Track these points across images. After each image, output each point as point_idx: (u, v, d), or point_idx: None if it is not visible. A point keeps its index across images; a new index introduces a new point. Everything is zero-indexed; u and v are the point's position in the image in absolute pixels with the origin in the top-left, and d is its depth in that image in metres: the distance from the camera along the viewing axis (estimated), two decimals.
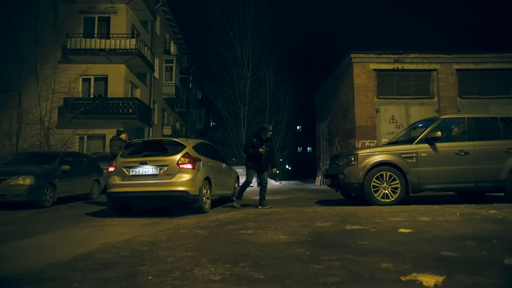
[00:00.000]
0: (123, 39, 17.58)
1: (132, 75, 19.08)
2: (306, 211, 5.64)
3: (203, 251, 2.89)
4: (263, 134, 7.20)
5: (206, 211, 6.58)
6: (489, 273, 2.04)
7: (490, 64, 13.81)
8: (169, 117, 26.80)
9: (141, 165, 6.24)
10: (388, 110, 13.55)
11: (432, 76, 13.82)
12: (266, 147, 7.12)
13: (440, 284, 1.87)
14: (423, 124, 7.55)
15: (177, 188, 6.08)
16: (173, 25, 26.82)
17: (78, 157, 10.60)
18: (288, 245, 3.01)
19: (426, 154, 6.59)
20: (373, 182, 6.49)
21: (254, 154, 7.13)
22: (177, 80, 26.29)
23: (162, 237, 3.67)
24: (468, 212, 4.83)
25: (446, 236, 3.23)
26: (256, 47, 24.50)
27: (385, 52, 13.65)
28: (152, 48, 21.38)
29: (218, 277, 2.14)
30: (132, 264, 2.52)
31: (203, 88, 34.43)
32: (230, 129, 24.67)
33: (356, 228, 3.77)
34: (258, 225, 4.25)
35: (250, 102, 24.48)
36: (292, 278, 2.06)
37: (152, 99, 21.79)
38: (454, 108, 13.43)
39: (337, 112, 16.21)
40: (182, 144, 6.65)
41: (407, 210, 5.25)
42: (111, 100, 17.28)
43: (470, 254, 2.52)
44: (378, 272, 2.13)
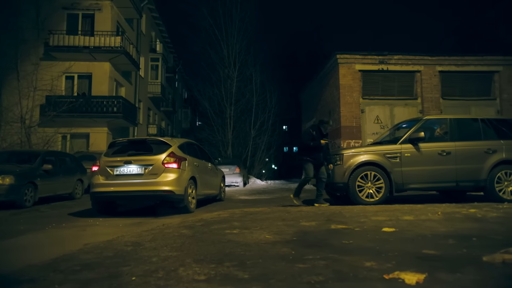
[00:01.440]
0: (108, 37, 17.31)
1: (117, 73, 18.82)
2: (291, 210, 5.67)
3: (188, 251, 2.87)
4: (323, 128, 6.99)
5: (191, 210, 6.54)
6: (468, 270, 2.09)
7: (471, 66, 14.14)
8: (155, 116, 26.54)
9: (125, 165, 6.16)
10: (373, 110, 13.72)
11: (416, 77, 14.06)
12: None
13: (422, 281, 1.90)
14: (407, 124, 7.68)
15: (162, 188, 6.03)
16: (159, 23, 26.56)
17: (60, 156, 10.39)
18: (273, 245, 3.02)
19: (409, 154, 6.70)
20: (358, 181, 6.56)
21: (314, 148, 6.74)
22: (163, 79, 26.06)
23: (147, 237, 3.63)
24: (449, 211, 4.93)
25: (428, 234, 3.29)
26: (243, 46, 24.45)
27: (370, 53, 13.82)
28: (137, 46, 21.12)
29: (203, 277, 2.13)
30: (116, 265, 2.49)
31: (189, 87, 34.19)
32: (216, 129, 24.57)
33: (340, 228, 3.81)
34: (243, 224, 4.24)
35: (237, 101, 24.43)
36: (277, 277, 2.07)
37: (137, 98, 21.54)
38: (437, 109, 13.69)
39: (323, 112, 16.32)
40: (168, 143, 6.59)
41: (391, 209, 5.33)
42: (95, 99, 17.00)
43: (450, 252, 2.57)
44: (361, 270, 2.15)
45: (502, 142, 6.84)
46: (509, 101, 14.04)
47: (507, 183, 6.67)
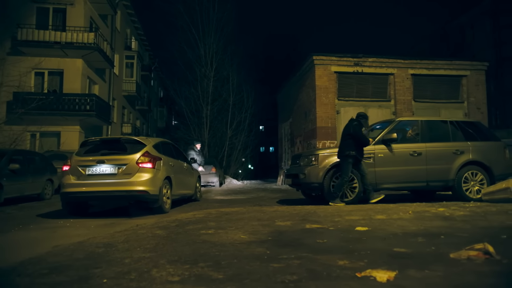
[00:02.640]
0: (81, 33, 16.83)
1: (90, 70, 18.32)
2: (267, 210, 5.68)
3: (162, 252, 2.83)
4: (365, 123, 6.80)
5: (166, 211, 6.45)
6: (436, 267, 2.17)
7: (441, 70, 14.66)
8: (129, 114, 26.02)
9: (98, 164, 6.00)
10: (348, 111, 13.96)
11: (389, 80, 14.43)
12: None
13: (392, 279, 1.95)
14: (381, 125, 7.87)
15: (136, 188, 5.92)
16: (134, 20, 26.05)
17: (29, 155, 10.01)
18: (248, 245, 3.02)
19: (383, 155, 6.86)
20: (332, 181, 6.66)
21: (362, 143, 6.47)
22: (138, 77, 25.58)
23: (119, 238, 3.55)
24: (420, 210, 5.09)
25: (400, 233, 3.38)
26: (220, 46, 24.34)
27: (346, 55, 14.07)
28: (112, 43, 20.64)
29: (177, 278, 2.11)
30: (86, 267, 2.42)
31: (165, 86, 33.72)
32: (193, 128, 24.35)
33: (315, 227, 3.85)
34: (219, 224, 4.22)
35: (213, 101, 24.30)
36: (251, 277, 2.07)
37: (111, 96, 21.05)
38: (409, 111, 14.11)
39: (299, 113, 16.49)
40: (142, 142, 6.48)
41: (364, 209, 5.44)
42: (67, 96, 16.49)
43: (420, 250, 2.65)
44: (335, 269, 2.18)
45: (469, 143, 7.12)
46: (475, 105, 14.66)
47: (473, 182, 6.95)
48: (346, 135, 6.50)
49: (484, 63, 15.13)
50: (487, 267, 2.14)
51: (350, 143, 6.39)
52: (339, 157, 6.53)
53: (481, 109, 14.65)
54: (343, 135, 6.58)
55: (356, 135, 6.40)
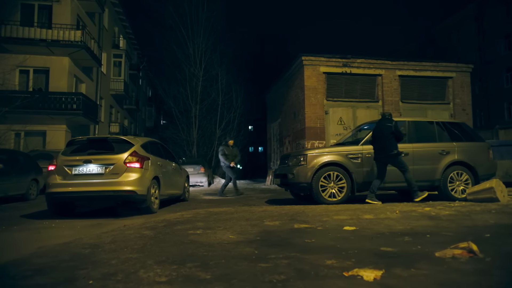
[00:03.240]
0: (67, 30, 16.55)
1: (77, 68, 18.05)
2: (255, 210, 5.69)
3: (149, 253, 2.80)
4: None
5: (154, 211, 6.40)
6: (421, 265, 2.20)
7: (428, 72, 14.87)
8: (117, 114, 25.73)
9: (85, 164, 5.92)
10: (336, 112, 14.07)
11: (377, 80, 14.58)
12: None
13: (379, 278, 1.97)
14: (369, 126, 7.94)
15: (124, 188, 5.86)
16: (122, 18, 25.78)
17: (13, 154, 9.82)
18: (236, 245, 3.01)
19: (370, 155, 6.92)
20: (321, 181, 6.69)
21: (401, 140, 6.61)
22: (126, 76, 25.31)
23: (106, 238, 3.51)
24: (406, 209, 5.16)
25: (386, 232, 3.42)
26: (209, 45, 24.25)
27: (335, 56, 14.17)
28: (99, 42, 20.38)
29: (164, 278, 2.09)
30: (72, 269, 2.38)
31: (153, 85, 33.43)
32: (181, 128, 24.21)
33: (303, 227, 3.87)
34: (207, 225, 4.21)
35: (202, 100, 24.20)
36: (239, 277, 2.07)
37: (98, 95, 20.78)
38: (396, 111, 14.27)
39: (288, 113, 16.54)
40: (130, 142, 6.41)
41: (352, 208, 5.49)
42: (53, 95, 16.20)
43: (406, 249, 2.69)
44: (322, 268, 2.19)
45: (454, 144, 7.24)
46: (461, 106, 14.92)
47: (458, 182, 7.07)
48: (389, 134, 6.47)
49: (469, 65, 15.40)
50: (470, 265, 2.18)
51: (394, 142, 6.48)
52: (385, 156, 6.49)
53: (466, 110, 14.92)
54: (386, 135, 6.50)
55: (399, 133, 6.53)
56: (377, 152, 6.62)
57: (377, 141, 6.61)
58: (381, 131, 6.57)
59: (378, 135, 6.61)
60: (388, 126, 6.51)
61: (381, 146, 6.51)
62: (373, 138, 6.73)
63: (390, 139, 6.45)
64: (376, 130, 6.70)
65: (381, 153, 6.53)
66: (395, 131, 6.47)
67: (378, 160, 6.62)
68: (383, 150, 6.49)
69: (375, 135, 6.69)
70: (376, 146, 6.63)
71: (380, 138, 6.55)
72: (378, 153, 6.60)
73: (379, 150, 6.57)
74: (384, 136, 6.50)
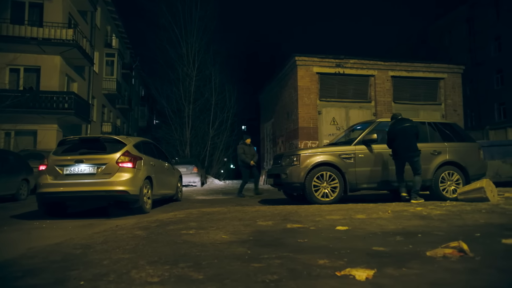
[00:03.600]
0: (59, 29, 16.40)
1: (68, 67, 17.89)
2: (248, 210, 5.69)
3: (142, 253, 2.79)
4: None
5: (146, 211, 6.37)
6: (413, 264, 2.22)
7: (420, 72, 15.01)
8: (109, 113, 25.55)
9: (76, 164, 5.87)
10: (329, 112, 14.14)
11: (370, 81, 14.67)
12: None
13: (371, 277, 1.99)
14: (361, 126, 7.98)
15: (116, 188, 5.82)
16: (115, 17, 25.60)
17: (3, 154, 9.70)
18: (229, 245, 3.01)
19: (363, 155, 6.97)
20: (314, 181, 6.71)
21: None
22: (119, 75, 25.15)
23: (98, 239, 3.49)
24: (398, 209, 5.20)
25: (379, 232, 3.44)
26: (202, 45, 24.20)
27: (328, 56, 14.23)
28: (91, 41, 20.22)
29: (156, 279, 2.08)
30: (63, 269, 2.36)
31: (146, 85, 33.26)
32: (174, 128, 24.12)
33: (296, 227, 3.88)
34: (200, 225, 4.20)
35: (195, 100, 24.14)
36: (232, 277, 2.07)
37: (90, 94, 20.62)
38: (389, 112, 14.36)
39: (281, 113, 16.57)
40: (122, 142, 6.37)
41: (345, 208, 5.52)
42: (44, 94, 16.03)
43: (398, 248, 2.71)
44: (315, 268, 2.20)
45: (446, 144, 7.31)
46: (452, 106, 15.08)
47: (449, 182, 7.14)
48: (414, 134, 6.64)
49: (461, 67, 15.57)
50: (461, 265, 2.20)
51: (415, 142, 6.66)
52: (410, 156, 6.59)
53: (457, 111, 15.08)
54: (411, 135, 6.62)
55: (418, 133, 6.75)
56: (400, 151, 6.66)
57: (399, 141, 6.66)
58: (405, 131, 6.65)
59: (402, 135, 6.66)
60: (413, 126, 6.69)
61: (406, 146, 6.61)
62: (393, 138, 6.74)
63: (414, 139, 6.65)
64: (398, 130, 6.69)
65: (406, 152, 6.62)
66: (417, 133, 6.72)
67: (401, 159, 6.68)
68: (408, 149, 6.60)
69: (396, 135, 6.70)
70: (398, 146, 6.67)
71: (404, 138, 6.64)
72: (402, 152, 6.64)
73: (403, 149, 6.63)
74: (409, 136, 6.63)
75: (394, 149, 6.75)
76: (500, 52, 27.57)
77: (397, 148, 6.68)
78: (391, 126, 6.87)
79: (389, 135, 6.81)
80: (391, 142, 6.77)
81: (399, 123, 6.79)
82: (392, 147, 6.78)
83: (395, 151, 6.74)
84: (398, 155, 6.70)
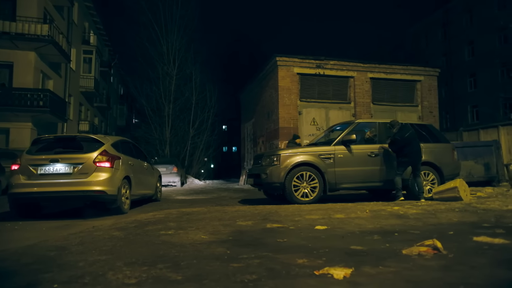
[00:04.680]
0: (33, 24, 15.90)
1: (43, 64, 17.36)
2: (228, 210, 5.67)
3: (119, 254, 2.74)
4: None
5: (125, 211, 6.26)
6: (389, 263, 2.26)
7: (398, 75, 15.34)
8: (87, 112, 24.97)
9: (51, 163, 5.70)
10: (309, 112, 14.26)
11: (350, 82, 14.89)
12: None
13: (349, 276, 2.01)
14: (341, 127, 8.09)
15: (93, 188, 5.69)
16: (93, 13, 25.03)
17: None
18: (208, 245, 2.99)
19: (342, 155, 7.06)
20: (293, 181, 6.75)
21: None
22: (97, 73, 24.60)
23: (74, 240, 3.40)
24: (376, 209, 5.29)
25: (357, 231, 3.49)
26: (183, 43, 23.96)
27: (308, 57, 14.35)
28: (68, 37, 19.70)
29: (133, 280, 2.05)
30: (35, 272, 2.29)
31: (125, 83, 32.71)
32: (154, 127, 23.80)
33: (276, 226, 3.89)
34: (179, 225, 4.16)
35: (176, 99, 23.88)
36: (211, 277, 2.05)
37: (67, 92, 20.08)
38: (368, 113, 14.64)
39: (262, 113, 16.60)
40: (100, 141, 6.24)
41: (324, 208, 5.57)
42: (17, 91, 15.52)
43: (375, 247, 2.76)
44: (294, 268, 2.21)
45: (422, 145, 7.47)
46: (428, 108, 15.49)
47: (425, 182, 7.32)
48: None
49: (436, 70, 16.00)
50: (435, 262, 2.27)
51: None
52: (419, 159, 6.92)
53: (433, 113, 15.50)
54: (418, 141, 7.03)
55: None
56: (414, 156, 6.88)
57: (412, 147, 6.87)
58: (414, 137, 6.95)
59: (415, 141, 6.93)
60: (414, 132, 7.03)
61: (417, 150, 6.90)
62: (404, 144, 6.87)
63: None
64: (412, 135, 6.92)
65: (419, 156, 6.93)
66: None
67: (412, 162, 6.90)
68: (419, 154, 6.94)
69: (409, 141, 6.86)
70: (411, 151, 6.85)
71: (416, 143, 6.94)
72: (416, 157, 6.90)
73: (416, 154, 6.90)
74: (416, 141, 6.93)
75: (407, 153, 6.86)
76: (473, 56, 28.49)
77: (412, 152, 6.86)
78: (400, 132, 6.95)
79: (401, 142, 6.88)
80: (402, 147, 6.88)
81: (407, 129, 6.99)
82: (404, 151, 6.87)
83: (407, 155, 6.86)
84: (413, 159, 6.88)
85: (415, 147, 6.87)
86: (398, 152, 6.94)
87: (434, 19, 32.49)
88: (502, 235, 3.06)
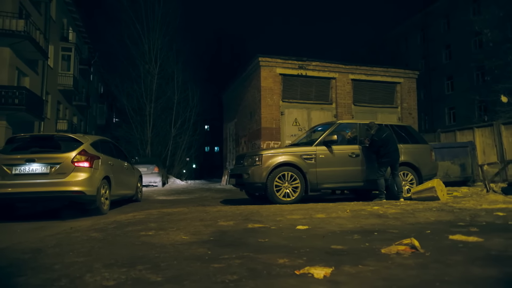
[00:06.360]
0: (8, 19, 15.39)
1: (19, 60, 16.84)
2: (210, 210, 5.64)
3: (97, 256, 2.68)
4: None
5: (104, 212, 6.15)
6: (368, 262, 2.30)
7: (378, 76, 15.61)
8: (66, 110, 24.36)
9: (27, 163, 5.54)
10: (292, 113, 14.35)
11: (331, 83, 15.06)
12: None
13: (329, 275, 2.03)
14: (322, 127, 8.17)
15: (71, 188, 5.56)
16: (72, 9, 24.44)
17: None
18: (189, 245, 2.97)
19: (323, 156, 7.13)
20: (275, 181, 6.78)
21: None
22: (76, 71, 24.03)
23: (50, 242, 3.31)
24: (357, 208, 5.37)
25: (338, 231, 3.53)
26: (165, 42, 23.70)
27: (291, 58, 14.43)
28: (45, 33, 19.17)
29: (112, 282, 2.01)
30: (8, 276, 2.21)
31: (106, 82, 32.00)
32: (135, 126, 23.45)
33: (257, 226, 3.89)
34: (160, 225, 4.11)
35: (157, 99, 23.60)
36: (191, 278, 2.04)
37: (44, 90, 19.53)
38: (349, 114, 14.84)
39: (244, 113, 16.59)
40: (79, 140, 6.11)
41: (305, 208, 5.61)
42: None
43: (355, 246, 2.79)
44: (275, 267, 2.22)
45: (401, 145, 7.64)
46: (408, 110, 15.82)
47: (404, 182, 7.48)
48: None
49: (415, 72, 16.37)
50: (412, 260, 2.31)
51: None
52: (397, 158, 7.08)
53: (412, 114, 15.85)
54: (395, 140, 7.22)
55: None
56: (394, 155, 7.02)
57: (391, 146, 7.00)
58: (393, 137, 7.14)
59: (392, 141, 7.08)
60: (391, 132, 7.22)
61: (395, 149, 7.05)
62: (382, 145, 6.98)
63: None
64: (389, 135, 7.06)
65: (397, 155, 7.09)
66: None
67: (392, 162, 7.04)
68: (398, 153, 7.10)
69: (387, 141, 6.99)
70: (390, 150, 6.98)
71: (394, 143, 7.09)
72: (395, 155, 7.06)
73: (395, 153, 7.05)
74: (393, 140, 7.09)
75: (385, 153, 6.98)
76: (450, 59, 29.27)
77: (389, 152, 6.98)
78: (377, 133, 7.07)
79: (378, 142, 7.00)
80: (380, 148, 7.00)
81: (384, 130, 7.14)
82: (381, 152, 6.99)
83: (385, 155, 6.97)
84: (391, 158, 7.00)
85: (392, 147, 7.02)
86: (377, 153, 7.06)
87: (414, 22, 33.21)
88: (476, 233, 3.16)
